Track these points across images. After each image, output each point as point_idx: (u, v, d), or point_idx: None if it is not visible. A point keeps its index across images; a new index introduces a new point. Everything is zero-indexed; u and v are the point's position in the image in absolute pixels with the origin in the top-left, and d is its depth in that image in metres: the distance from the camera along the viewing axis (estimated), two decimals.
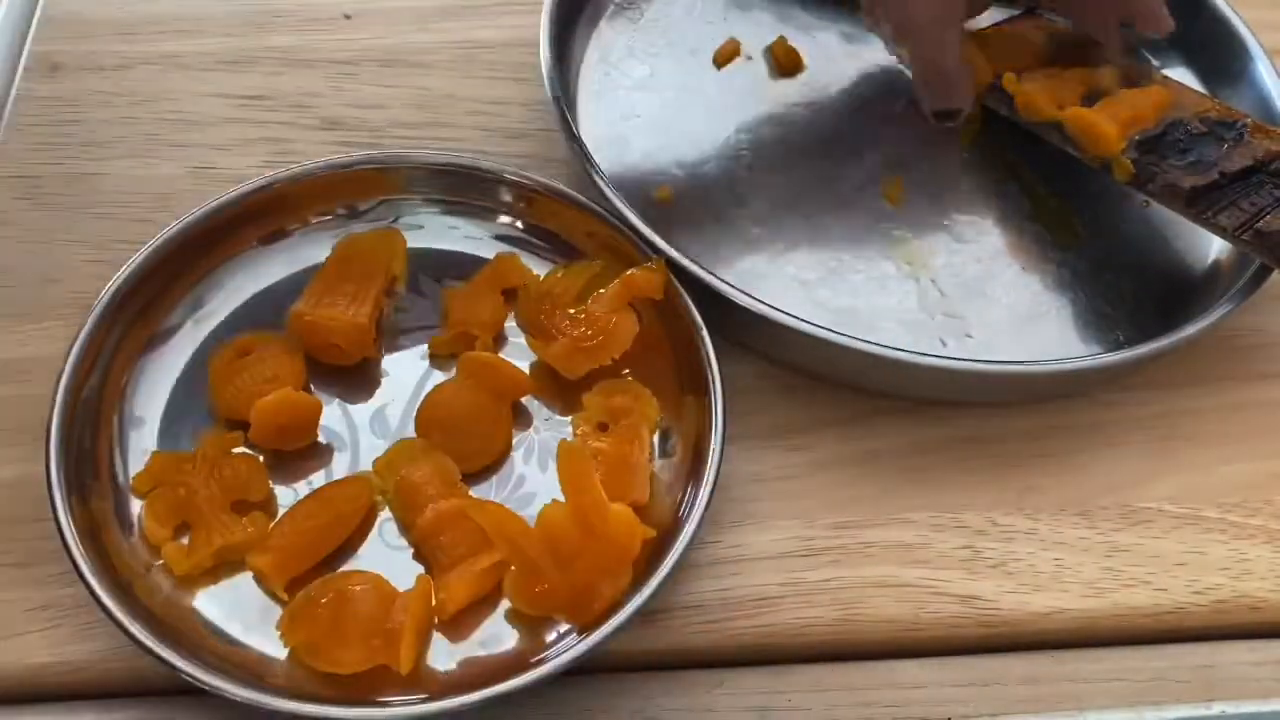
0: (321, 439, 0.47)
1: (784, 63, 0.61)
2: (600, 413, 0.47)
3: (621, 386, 0.48)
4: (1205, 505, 0.49)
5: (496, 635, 0.43)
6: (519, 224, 0.53)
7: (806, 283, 0.53)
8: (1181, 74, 0.62)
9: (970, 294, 0.54)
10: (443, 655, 0.42)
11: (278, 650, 0.42)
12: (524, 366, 0.49)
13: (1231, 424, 0.52)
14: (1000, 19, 0.61)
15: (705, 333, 0.47)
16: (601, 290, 0.49)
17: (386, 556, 0.44)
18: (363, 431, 0.48)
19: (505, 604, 0.43)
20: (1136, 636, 0.46)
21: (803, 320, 0.48)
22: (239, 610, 0.43)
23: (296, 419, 0.46)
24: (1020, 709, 0.44)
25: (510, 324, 0.50)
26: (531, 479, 0.47)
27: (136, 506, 0.45)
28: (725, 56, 0.61)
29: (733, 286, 0.48)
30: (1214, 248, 0.56)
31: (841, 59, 0.62)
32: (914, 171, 0.58)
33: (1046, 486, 0.49)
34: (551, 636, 0.43)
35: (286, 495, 0.46)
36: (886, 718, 0.43)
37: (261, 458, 0.46)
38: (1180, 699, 0.44)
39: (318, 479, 0.46)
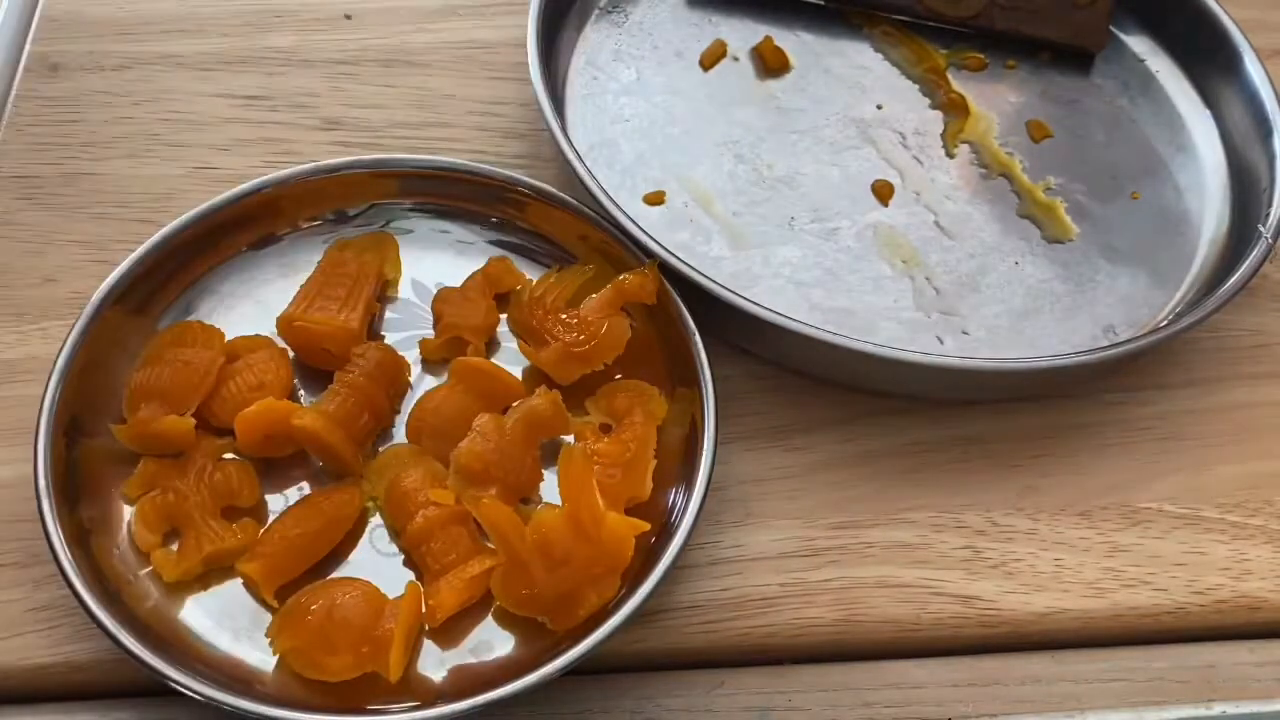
0: None
1: (770, 63, 0.59)
2: (603, 416, 0.46)
3: (625, 387, 0.46)
4: (1205, 505, 0.47)
5: (487, 641, 0.41)
6: (511, 228, 0.51)
7: (801, 284, 0.51)
8: (1172, 74, 0.60)
9: (965, 290, 0.52)
10: (433, 662, 0.41)
11: (267, 657, 0.40)
12: (516, 372, 0.47)
13: (1232, 424, 0.50)
14: None
15: (697, 335, 0.46)
16: (594, 295, 0.47)
17: (377, 563, 0.43)
18: None
19: (495, 610, 0.42)
20: (1137, 637, 0.45)
21: (799, 321, 0.46)
22: (228, 617, 0.41)
23: (280, 429, 0.43)
24: (1021, 709, 0.42)
25: (503, 329, 0.48)
26: None
27: (126, 513, 0.43)
28: (712, 58, 0.59)
29: (727, 289, 0.47)
30: (1207, 240, 0.54)
31: (828, 57, 0.60)
32: (904, 169, 0.56)
33: (1047, 486, 0.48)
34: (542, 643, 0.41)
35: (277, 501, 0.44)
36: (887, 718, 0.42)
37: (251, 463, 0.44)
38: (1181, 699, 0.43)
39: (308, 485, 0.44)
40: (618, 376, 0.46)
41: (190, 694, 0.38)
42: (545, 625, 0.41)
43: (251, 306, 0.48)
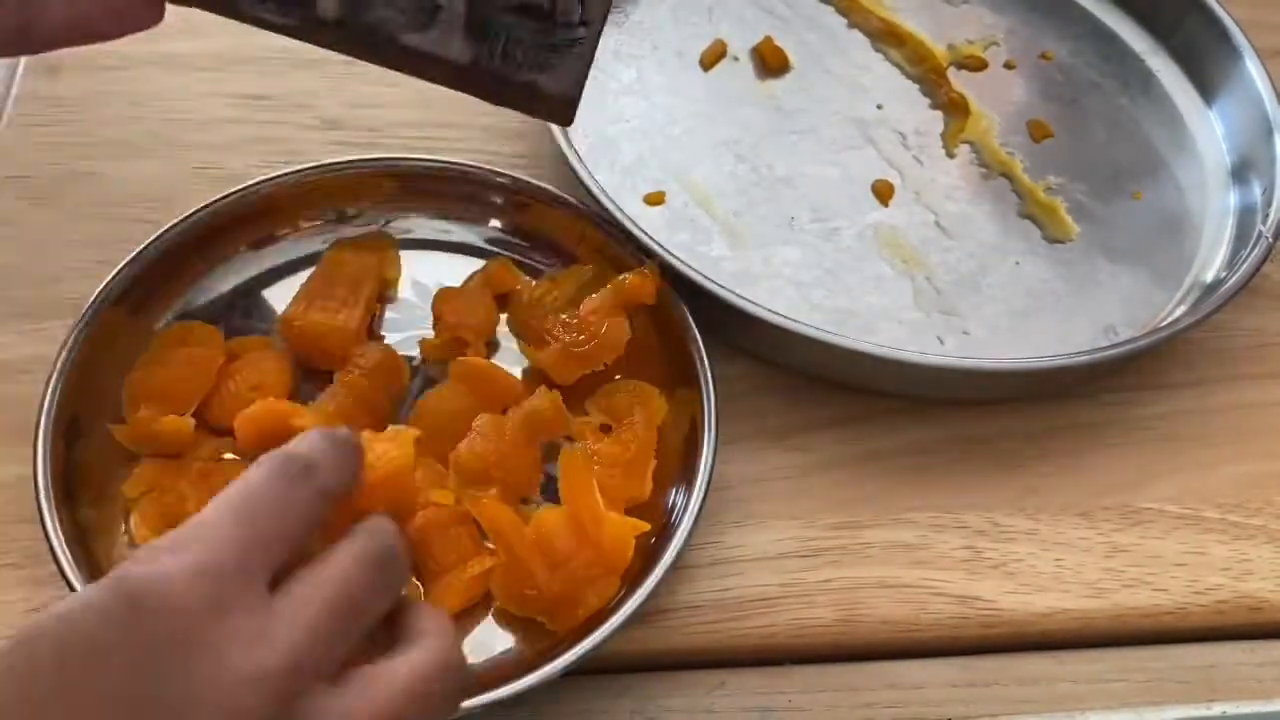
0: None
1: (771, 62, 0.59)
2: (603, 417, 0.45)
3: (625, 387, 0.46)
4: (1206, 505, 0.47)
5: (487, 641, 0.41)
6: (511, 228, 0.51)
7: (801, 284, 0.51)
8: (1173, 73, 0.60)
9: (965, 290, 0.52)
10: None
11: None
12: (516, 372, 0.47)
13: (1232, 424, 0.50)
14: None
15: (697, 336, 0.45)
16: (594, 295, 0.47)
17: None
18: None
19: (495, 610, 0.42)
20: (1137, 637, 0.44)
21: (799, 321, 0.46)
22: None
23: (280, 429, 0.42)
24: (1021, 709, 0.42)
25: (502, 329, 0.48)
26: None
27: (126, 513, 0.42)
28: (712, 58, 0.59)
29: (727, 290, 0.47)
30: (1208, 239, 0.54)
31: (828, 57, 0.59)
32: (904, 168, 0.55)
33: (1047, 487, 0.47)
34: (542, 643, 0.41)
35: None
36: (887, 718, 0.42)
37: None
38: (1181, 700, 0.43)
39: None
40: (618, 377, 0.46)
41: None
42: (545, 625, 0.41)
43: (251, 306, 0.48)
